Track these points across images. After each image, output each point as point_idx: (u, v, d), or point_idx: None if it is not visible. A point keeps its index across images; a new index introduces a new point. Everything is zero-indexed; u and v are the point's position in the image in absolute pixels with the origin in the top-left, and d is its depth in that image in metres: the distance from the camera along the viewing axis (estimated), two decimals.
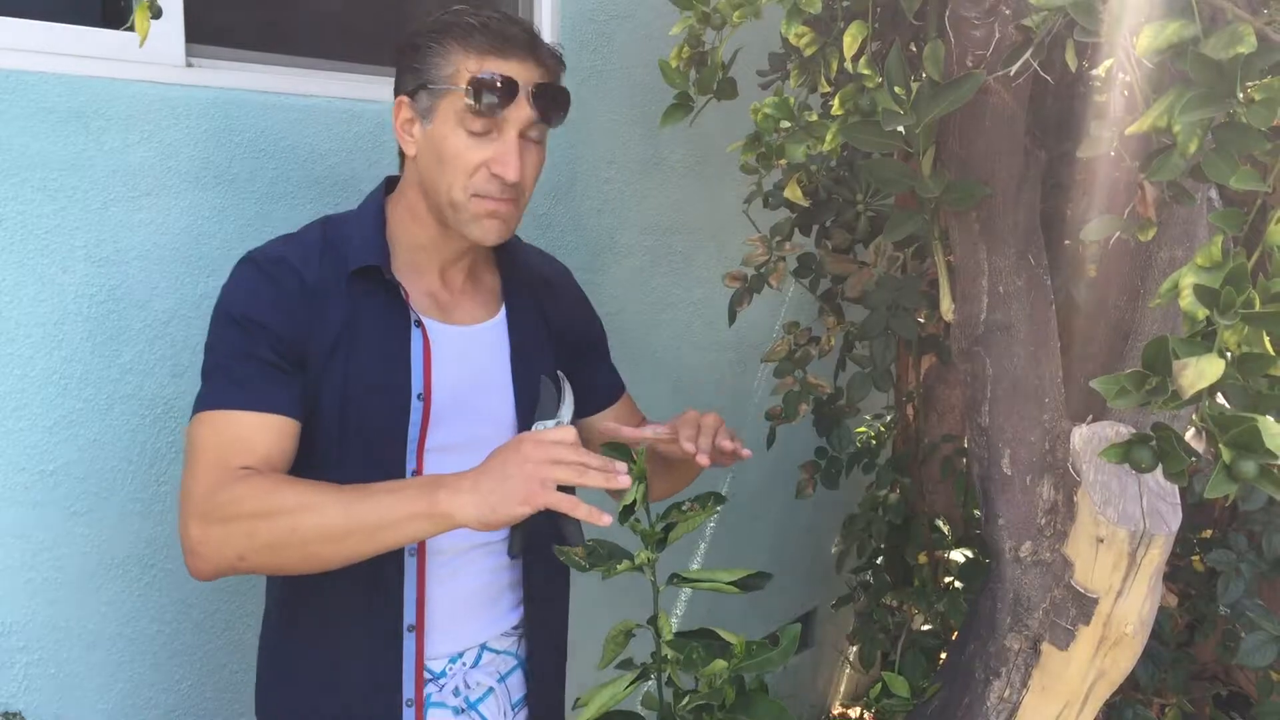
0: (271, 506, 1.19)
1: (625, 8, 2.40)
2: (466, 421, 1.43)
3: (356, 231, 1.40)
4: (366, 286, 1.37)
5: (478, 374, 1.46)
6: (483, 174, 1.33)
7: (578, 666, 1.76)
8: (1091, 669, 1.57)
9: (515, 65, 1.33)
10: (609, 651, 1.45)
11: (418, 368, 1.39)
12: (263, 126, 1.72)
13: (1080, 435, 1.53)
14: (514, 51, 1.33)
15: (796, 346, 2.35)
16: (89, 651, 1.59)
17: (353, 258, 1.36)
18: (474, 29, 1.33)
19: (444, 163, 1.34)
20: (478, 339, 1.47)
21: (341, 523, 1.18)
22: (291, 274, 1.33)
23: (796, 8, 1.36)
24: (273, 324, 1.30)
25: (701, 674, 1.37)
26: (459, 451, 1.42)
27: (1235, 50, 0.82)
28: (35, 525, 1.51)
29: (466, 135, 1.32)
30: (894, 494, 2.81)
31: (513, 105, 1.32)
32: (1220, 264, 0.90)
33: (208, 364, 1.33)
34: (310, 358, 1.32)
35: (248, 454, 1.25)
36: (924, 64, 1.30)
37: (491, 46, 1.32)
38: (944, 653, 2.65)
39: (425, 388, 1.39)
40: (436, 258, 1.44)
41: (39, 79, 1.45)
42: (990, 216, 1.51)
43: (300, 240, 1.39)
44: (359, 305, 1.36)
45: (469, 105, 1.30)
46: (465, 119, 1.32)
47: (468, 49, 1.32)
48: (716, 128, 2.13)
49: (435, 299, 1.44)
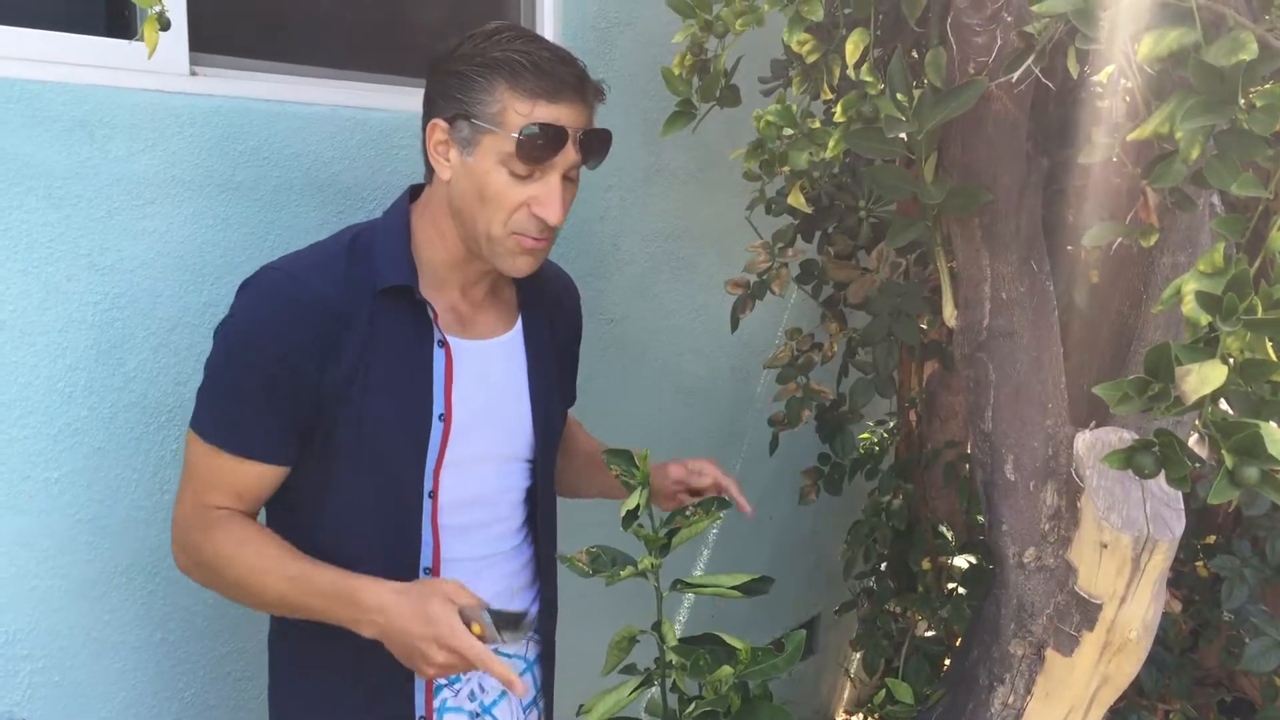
0: (227, 566, 1.32)
1: (628, 15, 2.40)
2: (485, 436, 1.44)
3: (384, 246, 1.37)
4: (393, 304, 1.34)
5: (496, 388, 1.46)
6: (524, 213, 1.32)
7: (578, 672, 1.76)
8: (1095, 675, 1.57)
9: (564, 110, 1.29)
10: (612, 657, 1.45)
11: (439, 388, 1.38)
12: (266, 135, 1.72)
13: (1083, 441, 1.53)
14: (564, 95, 1.29)
15: (799, 353, 2.36)
16: (93, 659, 1.59)
17: (381, 276, 1.34)
18: (524, 69, 1.28)
19: (484, 200, 1.31)
20: (496, 352, 1.47)
21: (276, 605, 1.34)
22: (312, 296, 1.30)
23: (798, 15, 1.36)
24: (283, 351, 1.28)
25: (707, 680, 1.37)
26: (476, 464, 1.44)
27: (1237, 57, 0.82)
28: (39, 533, 1.51)
29: (509, 175, 1.30)
30: (897, 500, 2.81)
31: (561, 154, 1.30)
32: (1222, 270, 0.90)
33: (211, 387, 1.33)
34: (325, 383, 1.31)
35: (226, 493, 1.34)
36: (926, 71, 1.30)
37: (543, 91, 1.28)
38: (948, 659, 2.65)
39: (446, 408, 1.38)
40: (459, 275, 1.42)
41: (43, 88, 1.46)
42: (992, 222, 1.51)
43: (327, 253, 1.36)
44: (382, 324, 1.33)
45: (521, 152, 1.27)
46: (510, 160, 1.29)
47: (516, 89, 1.27)
48: (719, 134, 2.13)
49: (457, 312, 1.43)
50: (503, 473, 1.48)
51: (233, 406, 1.31)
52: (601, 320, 2.48)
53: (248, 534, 1.33)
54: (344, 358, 1.31)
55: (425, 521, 1.38)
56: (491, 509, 1.47)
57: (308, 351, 1.29)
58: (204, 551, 1.33)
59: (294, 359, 1.28)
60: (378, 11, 2.05)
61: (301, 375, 1.29)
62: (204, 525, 1.33)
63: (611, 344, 2.52)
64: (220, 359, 1.33)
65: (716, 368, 2.91)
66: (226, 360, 1.32)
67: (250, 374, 1.29)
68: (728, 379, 2.97)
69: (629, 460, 1.42)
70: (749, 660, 1.38)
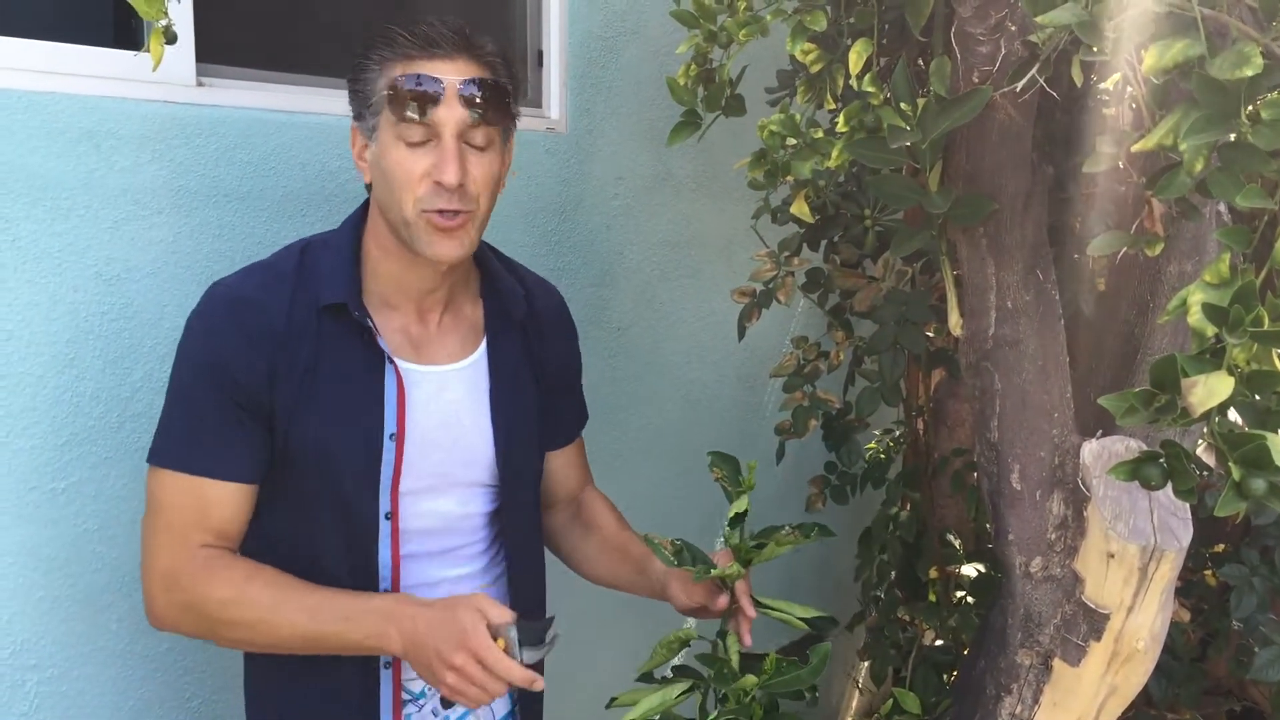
0: (235, 609, 1.26)
1: (633, 24, 2.41)
2: (441, 463, 1.40)
3: (328, 263, 1.34)
4: (337, 324, 1.32)
5: (454, 415, 1.41)
6: (427, 185, 1.26)
7: (598, 671, 1.75)
8: (1103, 685, 1.56)
9: (443, 64, 1.26)
10: (658, 655, 1.46)
11: (391, 407, 1.34)
12: (273, 145, 1.73)
13: (1090, 450, 1.53)
14: (440, 50, 1.26)
15: (805, 361, 2.35)
16: (100, 669, 1.59)
17: (323, 294, 1.32)
18: (395, 35, 1.27)
19: (389, 180, 1.28)
20: (454, 379, 1.42)
21: (292, 643, 1.27)
22: (260, 318, 1.28)
23: (802, 25, 1.37)
24: (237, 371, 1.27)
25: (731, 689, 1.37)
26: (433, 494, 1.40)
27: (1242, 71, 0.82)
28: (47, 543, 1.52)
29: (405, 147, 1.26)
30: (905, 510, 2.80)
31: (442, 106, 1.24)
32: (1228, 281, 0.90)
33: (170, 410, 1.31)
34: (277, 404, 1.29)
35: (207, 528, 1.29)
36: (930, 80, 1.30)
37: (417, 48, 1.26)
38: (955, 669, 2.64)
39: (399, 427, 1.34)
40: (410, 291, 1.38)
41: (51, 99, 1.47)
42: (998, 231, 1.51)
43: (275, 272, 1.34)
44: (328, 343, 1.31)
45: (395, 111, 1.24)
46: (400, 129, 1.25)
47: (394, 57, 1.26)
48: (724, 143, 2.13)
49: (409, 336, 1.39)
50: (463, 499, 1.44)
51: (197, 428, 1.28)
52: (608, 329, 2.48)
53: (249, 569, 1.29)
54: (292, 377, 1.29)
55: (384, 543, 1.36)
56: (453, 535, 1.45)
57: (257, 372, 1.28)
58: (205, 596, 1.27)
59: (244, 379, 1.28)
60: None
61: (253, 394, 1.28)
62: (197, 569, 1.27)
63: (618, 352, 2.53)
64: (181, 374, 1.31)
65: (723, 376, 2.91)
66: (186, 375, 1.30)
67: (209, 393, 1.28)
68: (734, 387, 2.97)
69: (735, 468, 1.43)
70: (773, 671, 1.38)
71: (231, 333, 1.28)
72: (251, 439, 1.30)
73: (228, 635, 1.29)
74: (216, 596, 1.26)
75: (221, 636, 1.30)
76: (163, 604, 1.29)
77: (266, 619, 1.26)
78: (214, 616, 1.27)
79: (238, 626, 1.27)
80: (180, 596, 1.28)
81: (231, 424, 1.28)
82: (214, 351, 1.28)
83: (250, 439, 1.30)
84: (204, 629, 1.30)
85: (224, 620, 1.27)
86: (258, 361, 1.28)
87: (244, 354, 1.27)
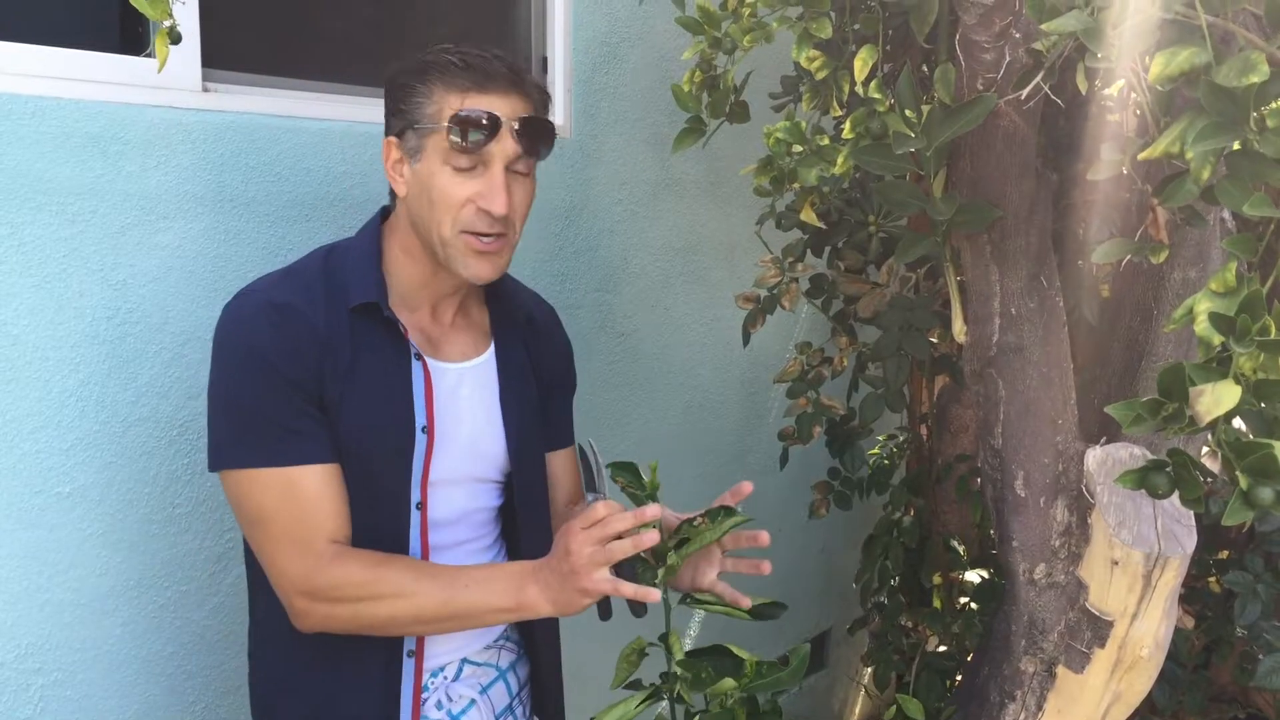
0: (373, 594, 1.30)
1: (638, 30, 2.41)
2: (464, 457, 1.45)
3: (354, 266, 1.39)
4: (366, 323, 1.37)
5: (470, 410, 1.46)
6: (470, 209, 1.33)
7: (586, 686, 1.76)
8: (1107, 692, 1.56)
9: (498, 100, 1.33)
10: (621, 671, 1.45)
11: (420, 401, 1.39)
12: (279, 150, 1.73)
13: (1094, 457, 1.53)
14: (496, 86, 1.33)
15: (809, 367, 2.35)
16: (105, 673, 1.59)
17: (352, 295, 1.36)
18: (454, 67, 1.33)
19: (433, 201, 1.34)
20: (468, 376, 1.47)
21: (435, 611, 1.30)
22: (301, 321, 1.32)
23: (807, 32, 1.37)
24: (294, 371, 1.30)
25: (710, 693, 1.37)
26: (458, 485, 1.45)
27: (1248, 79, 0.82)
28: (52, 547, 1.52)
29: (453, 172, 1.33)
30: (908, 516, 2.80)
31: (496, 140, 1.32)
32: (1235, 290, 0.90)
33: (231, 419, 1.31)
34: (326, 402, 1.33)
35: (325, 522, 1.32)
36: (935, 87, 1.30)
37: (473, 83, 1.32)
38: (959, 675, 2.64)
39: (429, 420, 1.40)
40: (429, 294, 1.44)
41: (57, 104, 1.47)
42: (1002, 238, 1.51)
43: (303, 279, 1.37)
44: (361, 342, 1.36)
45: (453, 142, 1.30)
46: (450, 156, 1.32)
47: (449, 87, 1.32)
48: (729, 148, 2.13)
49: (426, 335, 1.44)
50: (473, 493, 1.49)
51: (277, 417, 1.30)
52: (612, 333, 2.48)
53: (375, 556, 1.32)
54: (337, 377, 1.33)
55: (415, 533, 1.40)
56: (465, 528, 1.49)
57: (309, 373, 1.31)
58: (344, 581, 1.30)
59: (298, 377, 1.30)
60: (389, 27, 2.06)
61: (309, 392, 1.32)
62: (327, 563, 1.30)
63: (622, 357, 2.53)
64: (237, 376, 1.31)
65: (727, 381, 2.91)
66: (246, 375, 1.31)
67: (270, 393, 1.30)
68: (738, 393, 2.97)
69: (635, 473, 1.42)
70: (754, 674, 1.38)
71: (280, 338, 1.31)
72: (321, 424, 1.33)
73: (372, 614, 1.31)
74: (356, 579, 1.30)
75: (365, 618, 1.32)
76: (305, 609, 1.32)
77: (409, 590, 1.30)
78: (358, 597, 1.30)
79: (382, 601, 1.30)
80: (324, 593, 1.31)
81: (300, 415, 1.31)
82: (273, 352, 1.30)
83: (320, 423, 1.33)
84: (348, 615, 1.32)
85: (369, 597, 1.30)
86: (309, 364, 1.31)
87: (294, 358, 1.31)
